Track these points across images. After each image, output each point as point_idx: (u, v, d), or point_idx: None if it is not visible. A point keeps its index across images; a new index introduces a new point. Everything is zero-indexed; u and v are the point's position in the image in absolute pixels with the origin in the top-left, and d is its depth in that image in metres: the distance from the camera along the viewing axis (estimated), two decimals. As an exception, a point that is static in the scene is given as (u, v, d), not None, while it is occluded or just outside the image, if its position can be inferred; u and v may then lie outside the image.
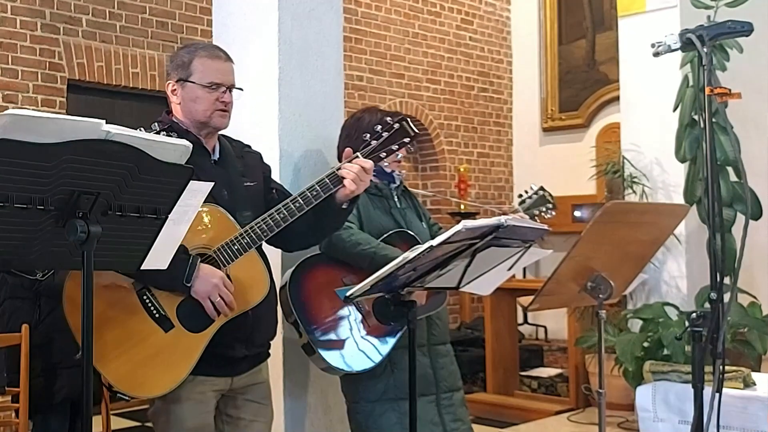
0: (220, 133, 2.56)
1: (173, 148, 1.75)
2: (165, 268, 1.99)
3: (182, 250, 2.23)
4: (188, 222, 2.00)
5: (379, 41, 7.80)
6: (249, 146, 2.71)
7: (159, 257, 1.92)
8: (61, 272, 3.23)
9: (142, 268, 1.89)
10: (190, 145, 1.80)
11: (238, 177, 2.54)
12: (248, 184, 2.56)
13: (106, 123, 1.61)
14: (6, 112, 1.52)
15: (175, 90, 2.50)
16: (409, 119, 2.56)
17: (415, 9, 8.11)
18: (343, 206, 2.51)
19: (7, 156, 1.51)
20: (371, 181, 2.93)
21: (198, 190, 1.95)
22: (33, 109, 1.87)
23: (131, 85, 6.21)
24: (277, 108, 3.07)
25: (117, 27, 6.15)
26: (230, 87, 2.49)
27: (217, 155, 2.54)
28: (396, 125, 2.50)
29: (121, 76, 6.14)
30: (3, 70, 5.57)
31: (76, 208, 1.64)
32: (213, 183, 2.07)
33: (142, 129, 2.23)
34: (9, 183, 1.54)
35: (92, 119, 1.59)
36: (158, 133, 2.40)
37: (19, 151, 1.51)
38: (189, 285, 2.28)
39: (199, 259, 2.31)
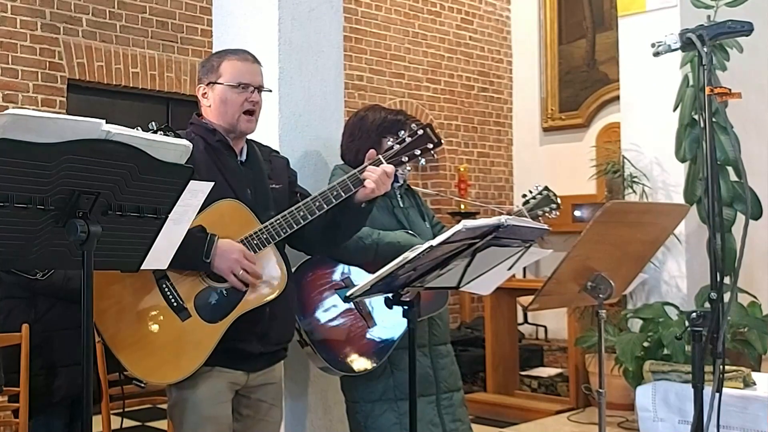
0: (248, 137, 2.62)
1: (173, 148, 1.76)
2: (165, 268, 1.99)
3: (199, 230, 2.29)
4: (188, 222, 2.00)
5: (379, 41, 7.80)
6: (277, 151, 2.78)
7: (159, 257, 1.93)
8: (58, 271, 3.23)
9: (142, 268, 1.89)
10: (190, 145, 1.81)
11: (264, 179, 2.58)
12: (274, 186, 2.60)
13: (106, 123, 1.61)
14: (6, 111, 1.52)
15: (205, 93, 2.56)
16: (432, 127, 2.59)
17: (415, 9, 8.11)
18: (362, 206, 2.54)
19: (7, 156, 1.51)
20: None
21: (198, 190, 1.96)
22: (33, 109, 1.87)
23: (131, 85, 6.21)
24: (277, 108, 3.07)
25: (117, 27, 6.15)
26: (258, 88, 2.55)
27: (244, 157, 2.59)
28: (420, 131, 2.54)
29: (121, 76, 6.14)
30: (3, 70, 5.57)
31: (76, 208, 1.64)
32: (212, 183, 2.10)
33: (139, 128, 2.24)
34: (9, 183, 1.55)
35: (92, 119, 1.60)
36: (155, 132, 2.41)
37: (19, 151, 1.51)
38: (208, 261, 2.32)
39: (217, 236, 2.34)
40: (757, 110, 5.28)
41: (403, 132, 2.55)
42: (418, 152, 2.54)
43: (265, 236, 2.42)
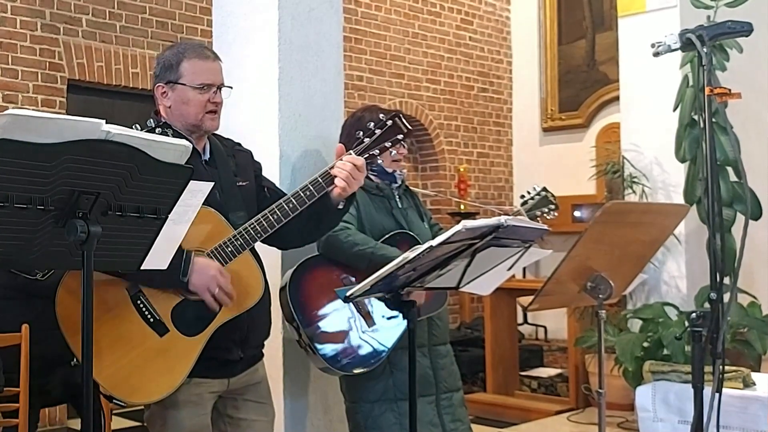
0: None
1: (173, 148, 1.75)
2: (165, 268, 1.98)
3: None
4: (188, 222, 2.00)
5: (379, 41, 7.80)
6: (239, 144, 2.68)
7: (159, 257, 1.92)
8: (56, 272, 3.22)
9: (142, 268, 1.89)
10: (190, 146, 1.80)
11: (230, 177, 2.51)
12: (241, 184, 2.53)
13: (106, 123, 1.61)
14: (6, 112, 1.52)
15: (165, 93, 2.45)
16: (402, 115, 2.53)
17: (415, 9, 8.11)
18: (339, 206, 2.49)
19: (7, 156, 1.51)
20: (372, 180, 2.94)
21: (198, 190, 1.95)
22: (33, 109, 1.88)
23: (131, 85, 6.21)
24: (277, 108, 3.07)
25: (117, 27, 6.15)
26: (220, 86, 2.46)
27: (207, 155, 2.51)
28: (389, 122, 2.47)
29: (121, 76, 6.14)
30: (3, 70, 5.57)
31: (76, 208, 1.64)
32: (213, 183, 2.07)
33: (137, 126, 2.21)
34: (9, 183, 1.54)
35: (92, 119, 1.59)
36: (153, 129, 2.38)
37: (19, 151, 1.51)
38: (186, 280, 2.25)
39: (193, 253, 2.27)
40: (757, 110, 5.28)
41: (372, 124, 2.47)
42: (389, 144, 2.47)
43: (239, 242, 2.34)
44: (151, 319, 2.29)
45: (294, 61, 3.12)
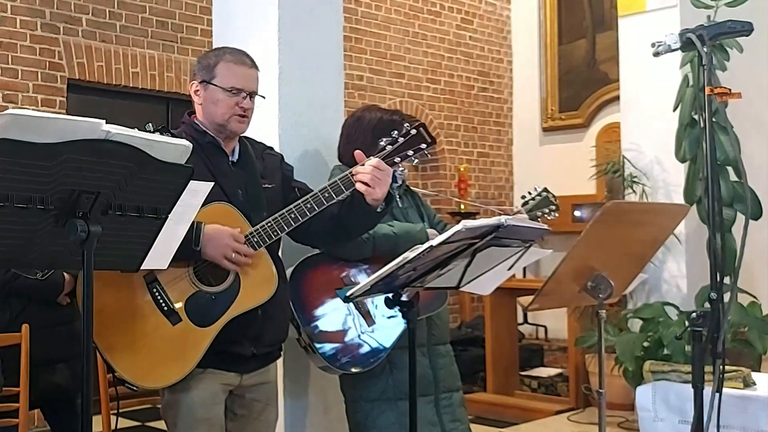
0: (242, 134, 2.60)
1: (173, 148, 1.76)
2: (165, 268, 1.99)
3: None
4: (188, 222, 2.01)
5: (379, 41, 7.80)
6: (271, 148, 2.75)
7: (159, 257, 1.93)
8: (30, 272, 3.23)
9: (142, 267, 1.89)
10: (190, 146, 1.81)
11: (257, 178, 2.56)
12: (267, 186, 2.58)
13: (106, 123, 1.61)
14: (6, 111, 1.52)
15: (197, 91, 2.54)
16: (426, 126, 2.55)
17: (415, 9, 8.11)
18: (378, 210, 2.52)
19: (7, 156, 1.51)
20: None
21: (198, 190, 1.96)
22: (33, 109, 1.88)
23: (131, 85, 6.21)
24: (277, 108, 3.07)
25: (117, 27, 6.15)
26: (251, 93, 2.52)
27: (236, 157, 2.57)
28: (413, 131, 2.49)
29: (121, 76, 6.15)
30: (3, 70, 5.57)
31: (76, 208, 1.64)
32: (213, 183, 2.09)
33: (135, 130, 2.24)
34: (9, 183, 1.55)
35: (92, 119, 1.60)
36: (153, 133, 2.41)
37: (19, 150, 1.51)
38: (198, 249, 2.31)
39: (203, 223, 2.32)
40: (757, 110, 5.27)
41: (395, 132, 2.51)
42: (411, 153, 2.50)
43: (255, 239, 2.40)
44: (165, 308, 2.35)
45: (294, 61, 3.12)
